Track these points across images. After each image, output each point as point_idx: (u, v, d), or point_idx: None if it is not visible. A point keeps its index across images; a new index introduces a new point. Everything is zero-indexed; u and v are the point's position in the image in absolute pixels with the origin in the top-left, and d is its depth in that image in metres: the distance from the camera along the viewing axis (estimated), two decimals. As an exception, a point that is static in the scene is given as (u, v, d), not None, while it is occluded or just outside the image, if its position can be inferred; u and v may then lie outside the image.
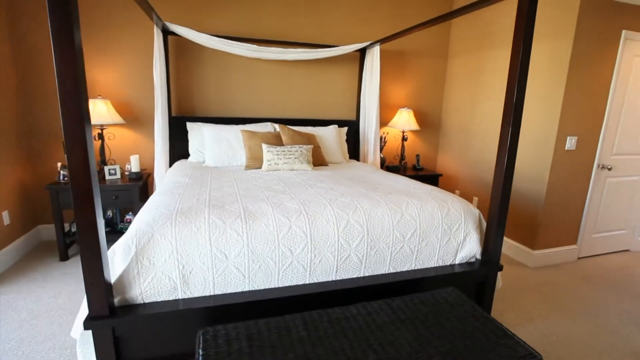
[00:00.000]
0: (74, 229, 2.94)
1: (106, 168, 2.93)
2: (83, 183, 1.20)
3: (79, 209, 1.21)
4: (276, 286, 1.60)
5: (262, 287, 1.58)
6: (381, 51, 3.58)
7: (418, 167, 3.97)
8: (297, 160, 2.74)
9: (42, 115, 2.94)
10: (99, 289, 1.29)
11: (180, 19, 3.10)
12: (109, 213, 3.13)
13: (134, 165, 2.99)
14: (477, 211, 1.99)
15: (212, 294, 1.52)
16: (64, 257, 2.82)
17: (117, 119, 2.92)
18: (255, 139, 2.91)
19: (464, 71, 3.77)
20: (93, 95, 2.98)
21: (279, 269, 1.58)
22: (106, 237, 2.88)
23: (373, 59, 3.44)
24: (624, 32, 2.72)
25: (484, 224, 2.01)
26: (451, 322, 1.40)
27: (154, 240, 1.43)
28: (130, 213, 3.13)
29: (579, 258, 3.19)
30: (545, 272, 2.92)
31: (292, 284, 1.63)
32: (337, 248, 1.66)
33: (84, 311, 1.41)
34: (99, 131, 2.96)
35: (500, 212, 1.82)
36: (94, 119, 2.79)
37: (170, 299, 1.47)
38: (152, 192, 3.28)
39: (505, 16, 3.20)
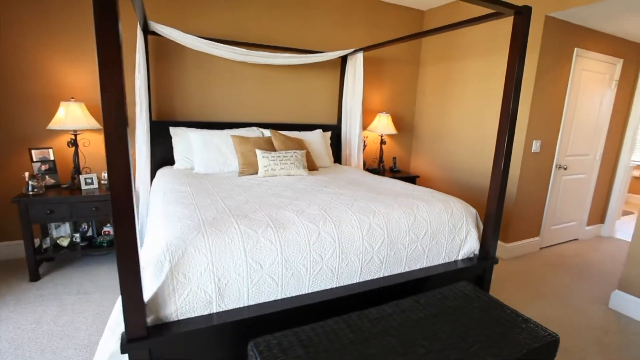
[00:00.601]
0: (45, 245, 2.65)
1: (82, 177, 2.69)
2: (125, 197, 1.13)
3: (120, 226, 1.13)
4: (306, 292, 1.62)
5: (293, 294, 1.59)
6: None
7: (395, 170, 4.17)
8: (294, 166, 2.76)
9: (2, 119, 2.62)
10: (138, 309, 1.21)
11: (162, 19, 2.94)
12: (84, 226, 2.87)
13: (112, 174, 2.77)
14: (474, 210, 2.18)
15: (246, 304, 1.49)
16: (35, 277, 2.54)
17: (94, 123, 2.70)
18: (248, 145, 2.87)
19: (434, 78, 4.05)
20: (65, 98, 2.72)
21: (310, 274, 1.60)
22: (84, 252, 2.66)
23: (355, 65, 3.56)
24: (576, 49, 3.13)
25: (480, 222, 2.20)
26: (476, 313, 1.53)
27: (188, 254, 1.38)
28: (109, 225, 2.91)
29: (541, 248, 3.59)
30: (517, 262, 3.25)
31: (321, 289, 1.66)
32: (362, 251, 1.72)
33: (112, 334, 1.32)
34: (72, 137, 2.71)
35: (496, 212, 2.01)
36: (68, 124, 2.56)
37: (205, 313, 1.42)
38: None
39: (470, 30, 3.50)
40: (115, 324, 1.33)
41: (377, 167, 4.12)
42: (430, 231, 1.95)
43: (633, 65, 3.72)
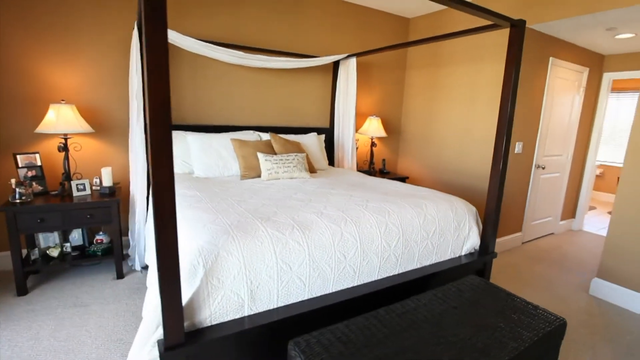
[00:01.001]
0: (33, 256, 2.50)
1: (73, 183, 2.57)
2: (169, 202, 1.12)
3: (163, 232, 1.12)
4: (331, 291, 1.66)
5: (319, 294, 1.62)
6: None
7: (385, 171, 4.29)
8: (296, 169, 2.78)
9: (-17, 123, 2.45)
10: (178, 316, 1.20)
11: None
12: (75, 234, 2.73)
13: (105, 179, 2.67)
14: (474, 208, 2.31)
15: (275, 306, 1.51)
16: (23, 291, 2.38)
17: (86, 127, 2.58)
18: (248, 148, 2.86)
19: (420, 83, 4.22)
20: (54, 100, 2.59)
21: (334, 274, 1.64)
22: (75, 262, 2.54)
23: (348, 69, 3.64)
24: (550, 58, 3.40)
25: (479, 219, 2.34)
26: (491, 303, 1.64)
27: (221, 258, 1.38)
28: (102, 232, 2.78)
29: (523, 243, 3.83)
30: (504, 256, 3.46)
31: (343, 288, 1.70)
32: (381, 250, 1.78)
33: (144, 343, 1.29)
34: (62, 141, 2.57)
35: (495, 210, 2.16)
36: (59, 127, 2.43)
37: (237, 317, 1.42)
38: (127, 209, 2.95)
39: (454, 38, 3.70)
40: (148, 332, 1.30)
41: (368, 168, 4.22)
42: (439, 229, 2.05)
43: (597, 74, 4.08)
